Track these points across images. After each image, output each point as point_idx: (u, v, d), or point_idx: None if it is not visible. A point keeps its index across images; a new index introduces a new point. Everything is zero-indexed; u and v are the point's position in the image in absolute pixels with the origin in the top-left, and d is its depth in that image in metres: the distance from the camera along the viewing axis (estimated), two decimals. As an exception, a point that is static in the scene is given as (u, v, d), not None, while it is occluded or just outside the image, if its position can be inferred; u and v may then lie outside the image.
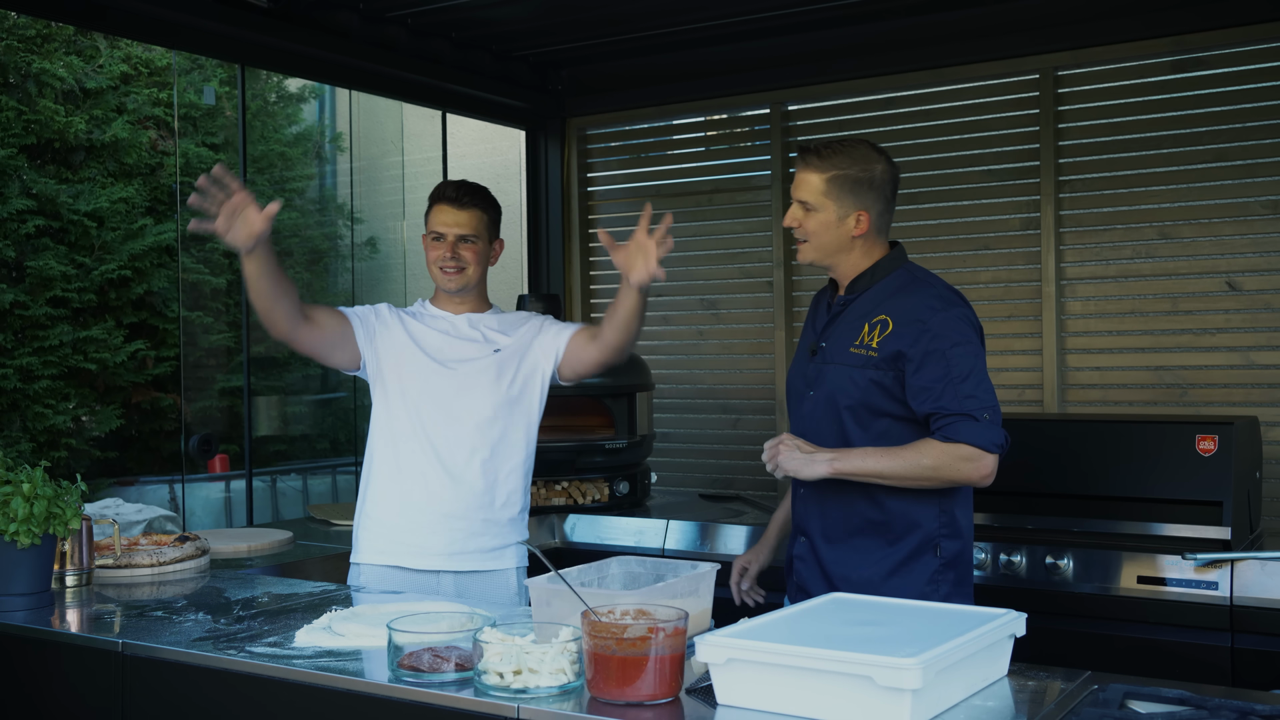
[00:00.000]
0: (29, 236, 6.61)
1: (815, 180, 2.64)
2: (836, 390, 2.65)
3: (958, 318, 2.58)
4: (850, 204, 2.64)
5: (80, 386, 6.87)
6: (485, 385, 3.02)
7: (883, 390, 2.59)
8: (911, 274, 2.71)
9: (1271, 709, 1.74)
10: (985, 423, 2.50)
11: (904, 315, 2.59)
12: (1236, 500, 3.28)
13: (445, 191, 3.09)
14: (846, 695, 1.67)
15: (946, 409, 2.51)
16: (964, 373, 2.52)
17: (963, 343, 2.55)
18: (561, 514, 4.24)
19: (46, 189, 6.72)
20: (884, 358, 2.58)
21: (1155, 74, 4.25)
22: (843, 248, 2.68)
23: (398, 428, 3.03)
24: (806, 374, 2.76)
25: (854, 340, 2.65)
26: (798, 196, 2.68)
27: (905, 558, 2.62)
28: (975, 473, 2.51)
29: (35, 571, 2.61)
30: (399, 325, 3.09)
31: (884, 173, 2.68)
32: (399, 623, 2.03)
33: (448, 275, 3.07)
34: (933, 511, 2.62)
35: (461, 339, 3.08)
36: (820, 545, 2.69)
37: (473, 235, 3.07)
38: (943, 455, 2.50)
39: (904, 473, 2.53)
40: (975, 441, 2.49)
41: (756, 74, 4.90)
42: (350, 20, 4.28)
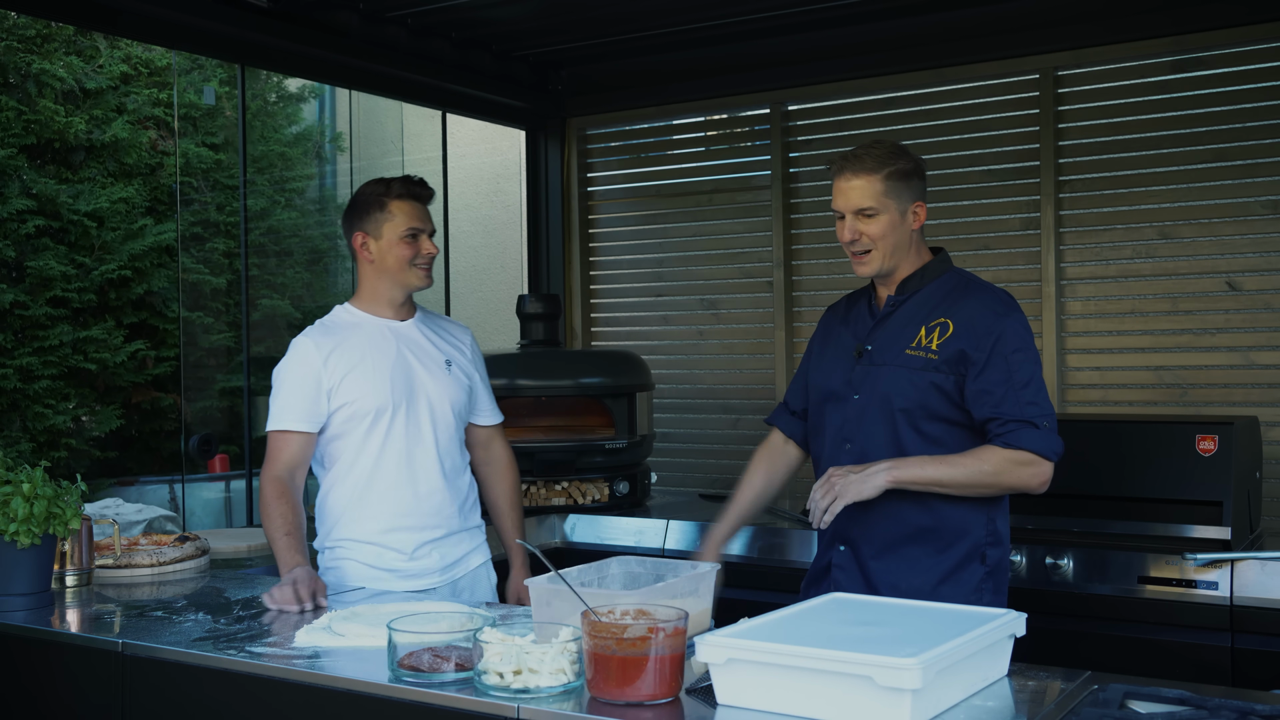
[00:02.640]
0: (29, 236, 6.61)
1: (873, 183, 2.60)
2: (892, 392, 2.60)
3: (1019, 324, 2.58)
4: (907, 197, 2.62)
5: (80, 386, 6.87)
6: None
7: (941, 393, 2.56)
8: (964, 277, 2.70)
9: (1271, 709, 1.74)
10: (1045, 430, 2.50)
11: (965, 318, 2.58)
12: (1236, 500, 3.27)
13: (410, 188, 2.95)
14: (846, 695, 1.67)
15: (1007, 414, 2.50)
16: (1025, 379, 2.52)
17: (1024, 349, 2.55)
18: (561, 514, 4.24)
19: (46, 189, 6.72)
20: (945, 360, 2.56)
21: (1155, 74, 4.25)
22: (906, 246, 2.65)
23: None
24: (850, 377, 2.69)
25: (909, 342, 2.61)
26: (854, 206, 2.61)
27: (954, 566, 2.59)
28: (1034, 479, 2.51)
29: (35, 571, 2.61)
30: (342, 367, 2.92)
31: (919, 163, 2.68)
32: (399, 623, 2.03)
33: (425, 273, 2.98)
34: (981, 519, 2.60)
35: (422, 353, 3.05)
36: (865, 554, 2.64)
37: (435, 228, 3.01)
38: (1004, 461, 2.49)
39: (965, 480, 2.51)
40: (1036, 448, 2.48)
41: (756, 74, 4.90)
42: (350, 20, 4.28)
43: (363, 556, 2.92)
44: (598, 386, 4.29)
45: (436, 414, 2.97)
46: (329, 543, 2.97)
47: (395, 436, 2.91)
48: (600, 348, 5.34)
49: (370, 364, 2.91)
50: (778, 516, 3.98)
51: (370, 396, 2.89)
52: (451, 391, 3.01)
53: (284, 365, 2.92)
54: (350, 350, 2.91)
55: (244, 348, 5.06)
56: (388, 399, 2.90)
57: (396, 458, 2.92)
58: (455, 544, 3.02)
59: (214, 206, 7.45)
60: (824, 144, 4.89)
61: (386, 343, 2.96)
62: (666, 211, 5.20)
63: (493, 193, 6.65)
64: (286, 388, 2.88)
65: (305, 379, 2.87)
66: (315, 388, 2.87)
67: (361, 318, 2.99)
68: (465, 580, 3.05)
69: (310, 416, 2.87)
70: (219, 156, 7.46)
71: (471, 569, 3.06)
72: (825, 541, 2.75)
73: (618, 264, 5.38)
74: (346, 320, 2.99)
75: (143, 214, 7.17)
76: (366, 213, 2.95)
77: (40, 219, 6.65)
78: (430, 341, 3.04)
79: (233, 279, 7.27)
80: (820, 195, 4.88)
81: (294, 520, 2.77)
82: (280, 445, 2.85)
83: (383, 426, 2.90)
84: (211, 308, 7.31)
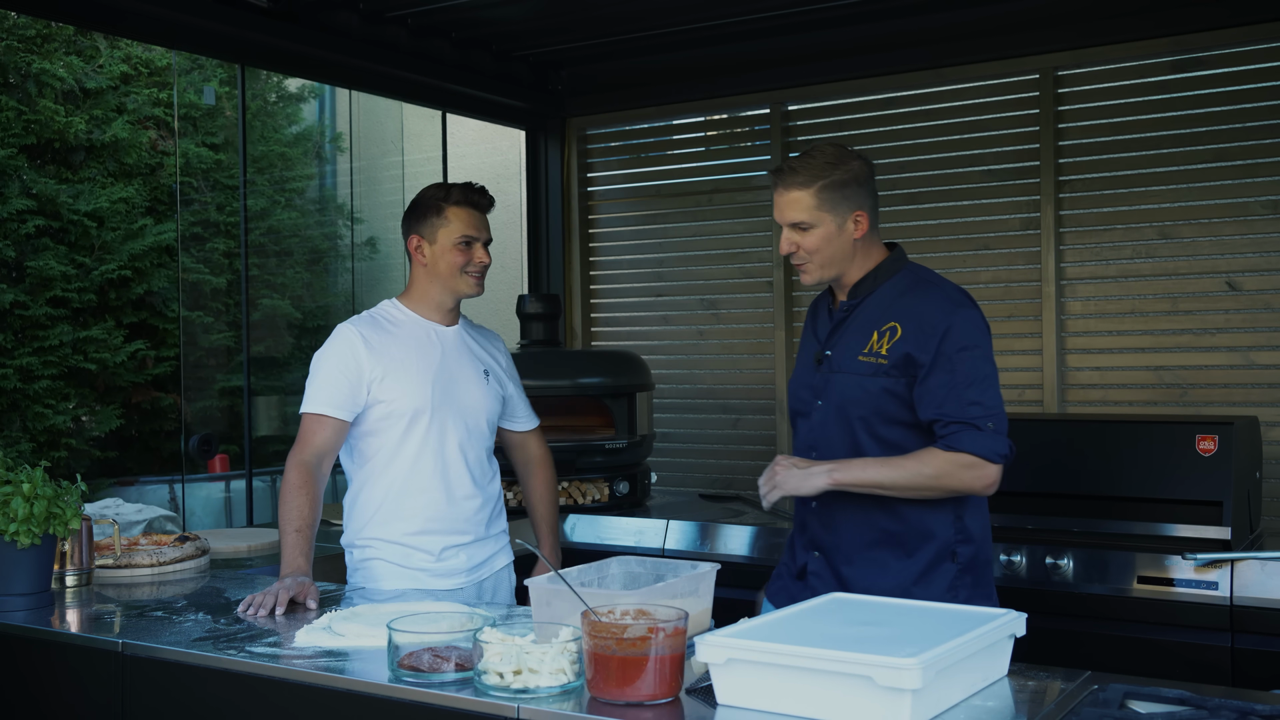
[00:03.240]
0: (29, 236, 6.61)
1: (803, 196, 2.56)
2: (847, 400, 2.59)
3: (966, 320, 2.52)
4: (845, 208, 2.57)
5: (80, 386, 6.87)
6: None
7: (895, 398, 2.54)
8: (916, 275, 2.65)
9: (1271, 709, 1.74)
10: (988, 432, 2.46)
11: (912, 320, 2.54)
12: (1236, 500, 3.28)
13: (469, 195, 2.97)
14: (846, 695, 1.67)
15: (949, 416, 2.47)
16: (969, 379, 2.48)
17: (970, 347, 2.50)
18: (561, 514, 4.24)
19: (46, 189, 6.72)
20: (894, 364, 2.53)
21: (1155, 74, 4.25)
22: (847, 255, 2.61)
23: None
24: (813, 384, 2.69)
25: (862, 348, 2.59)
26: (788, 219, 2.59)
27: (925, 568, 2.57)
28: (978, 482, 2.47)
29: (35, 571, 2.61)
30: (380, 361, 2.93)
31: (863, 168, 2.60)
32: (399, 623, 2.03)
33: (477, 281, 2.98)
34: (948, 519, 2.58)
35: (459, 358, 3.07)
36: (838, 561, 2.64)
37: (491, 237, 3.03)
38: (945, 464, 2.46)
39: (905, 482, 2.49)
40: (977, 451, 2.45)
41: (756, 74, 4.90)
42: (350, 20, 4.28)
43: (391, 556, 2.94)
44: (598, 386, 4.29)
45: (471, 423, 2.99)
46: (359, 540, 2.98)
47: (431, 441, 2.93)
48: (600, 348, 5.34)
49: (413, 365, 2.92)
50: (778, 516, 3.98)
51: (409, 398, 2.90)
52: (488, 401, 3.04)
53: (325, 351, 2.92)
54: (394, 348, 2.92)
55: (244, 348, 5.06)
56: (426, 402, 2.91)
57: (431, 462, 2.93)
58: (481, 547, 3.04)
59: (214, 206, 7.45)
60: (824, 144, 4.89)
61: (431, 346, 2.98)
62: (666, 211, 5.20)
63: (493, 192, 6.65)
64: (324, 372, 2.88)
65: (346, 367, 2.88)
66: (356, 377, 2.88)
67: (409, 316, 3.00)
68: (489, 582, 3.07)
69: (346, 404, 2.87)
70: (219, 156, 7.46)
71: (495, 571, 3.09)
72: (799, 546, 2.74)
73: (618, 264, 5.38)
74: (395, 317, 3.00)
75: (143, 214, 7.18)
76: (424, 216, 2.97)
77: (40, 219, 6.65)
78: (471, 351, 3.06)
79: (233, 279, 7.27)
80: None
81: (309, 517, 2.76)
82: (313, 429, 2.86)
83: (419, 430, 2.91)
84: (211, 308, 7.31)
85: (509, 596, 3.13)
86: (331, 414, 2.86)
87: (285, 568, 2.69)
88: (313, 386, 2.89)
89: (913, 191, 4.68)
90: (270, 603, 2.51)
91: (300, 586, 2.57)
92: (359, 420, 2.93)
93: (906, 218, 4.70)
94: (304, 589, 2.57)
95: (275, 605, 2.51)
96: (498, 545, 3.11)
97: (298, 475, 2.80)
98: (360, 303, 7.32)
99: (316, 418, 2.86)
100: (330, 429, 2.87)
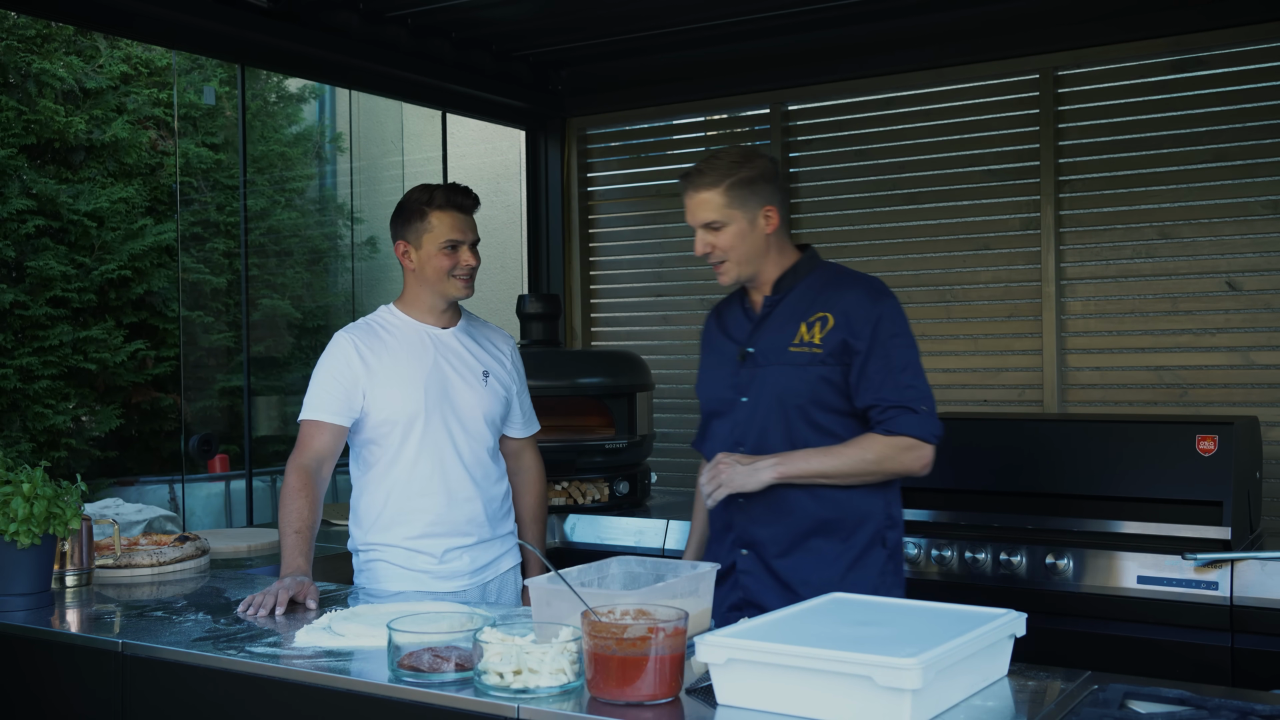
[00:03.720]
0: (29, 236, 6.61)
1: (713, 196, 2.61)
2: (784, 391, 2.64)
3: (893, 309, 2.62)
4: (754, 204, 2.62)
5: (80, 386, 6.87)
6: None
7: (830, 385, 2.61)
8: (836, 270, 2.74)
9: (1271, 709, 1.74)
10: (923, 414, 2.56)
11: (843, 309, 2.62)
12: (1236, 500, 3.28)
13: (453, 198, 2.96)
14: (846, 695, 1.67)
15: (887, 400, 2.55)
16: (902, 364, 2.58)
17: (900, 334, 2.60)
18: (561, 514, 4.24)
19: (46, 189, 6.72)
20: (830, 352, 2.60)
21: (1155, 74, 4.25)
22: (762, 251, 2.67)
23: None
24: (736, 381, 2.73)
25: (791, 340, 2.65)
26: (700, 221, 2.64)
27: (859, 553, 2.64)
28: (916, 463, 2.57)
29: (35, 571, 2.61)
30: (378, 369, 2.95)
31: (769, 166, 2.67)
32: (399, 623, 2.03)
33: (464, 284, 2.98)
34: (880, 504, 2.66)
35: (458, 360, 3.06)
36: (770, 554, 2.67)
37: (479, 238, 3.02)
38: (885, 448, 2.55)
39: (848, 469, 2.57)
40: (916, 433, 2.54)
41: (756, 74, 4.90)
42: (350, 20, 4.28)
43: (395, 559, 2.97)
44: (598, 386, 4.29)
45: (468, 425, 3.00)
46: (362, 545, 3.02)
47: (428, 446, 2.94)
48: (600, 348, 5.34)
49: (406, 371, 2.94)
50: None
51: (403, 404, 2.92)
52: (486, 403, 3.03)
53: (322, 359, 2.97)
54: (388, 354, 2.95)
55: (244, 348, 5.06)
56: (420, 408, 2.93)
57: (429, 466, 2.95)
58: (485, 549, 3.04)
59: (214, 206, 7.45)
60: (824, 144, 4.90)
61: (424, 350, 2.99)
62: (666, 211, 5.19)
63: (493, 193, 6.65)
64: (321, 380, 2.93)
65: (341, 374, 2.92)
66: (351, 384, 2.91)
67: (404, 321, 3.02)
68: (494, 584, 3.08)
69: (343, 410, 2.91)
70: (219, 156, 7.46)
71: (501, 573, 3.09)
72: (725, 546, 2.75)
73: (618, 264, 5.38)
74: (389, 322, 3.02)
75: (143, 214, 7.18)
76: (408, 221, 2.97)
77: (40, 219, 6.65)
78: (469, 351, 3.05)
79: (233, 279, 7.27)
80: (820, 195, 4.88)
81: (309, 519, 2.78)
82: (312, 434, 2.89)
83: (415, 435, 2.93)
84: (211, 308, 7.32)
85: (514, 599, 3.12)
86: (328, 419, 2.90)
87: (285, 568, 2.70)
88: (310, 394, 2.94)
89: (913, 191, 4.68)
90: (270, 603, 2.51)
91: (300, 586, 2.58)
92: (360, 428, 2.96)
93: (906, 218, 4.70)
94: (304, 589, 2.58)
95: (275, 605, 2.51)
96: (504, 547, 3.10)
97: (297, 479, 2.83)
98: (360, 302, 7.32)
99: (314, 424, 2.91)
100: (328, 434, 2.90)
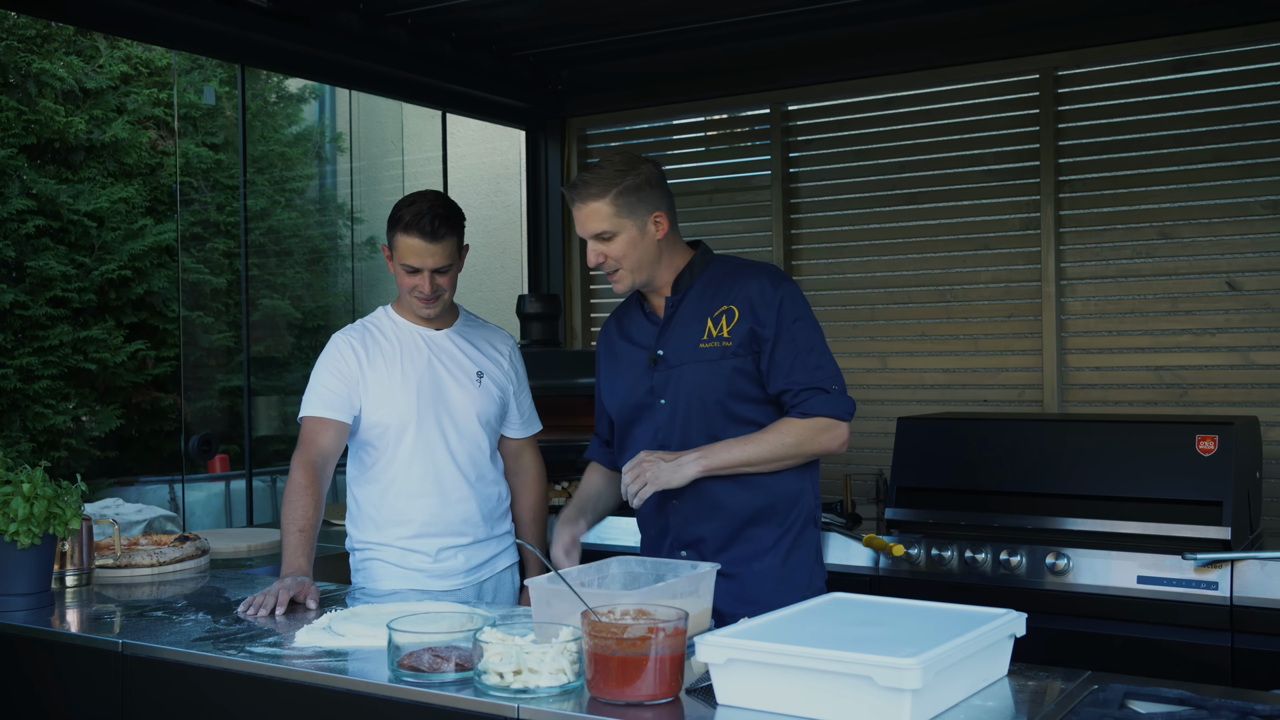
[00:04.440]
0: (29, 236, 6.61)
1: (600, 207, 2.60)
2: (700, 387, 2.65)
3: (794, 293, 2.65)
4: (642, 211, 2.62)
5: (80, 386, 6.87)
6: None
7: (745, 376, 2.63)
8: (731, 262, 2.75)
9: (1271, 709, 1.74)
10: (835, 394, 2.59)
11: (745, 299, 2.64)
12: (1236, 500, 3.27)
13: (419, 224, 2.85)
14: (846, 695, 1.67)
15: (799, 384, 2.58)
16: (808, 346, 2.61)
17: (804, 317, 2.63)
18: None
19: (46, 189, 6.72)
20: (739, 344, 2.62)
21: (1155, 74, 4.25)
22: (655, 257, 2.67)
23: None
24: (650, 384, 2.71)
25: (700, 337, 2.66)
26: (590, 232, 2.63)
27: (797, 534, 2.68)
28: (834, 442, 2.60)
29: (35, 571, 2.61)
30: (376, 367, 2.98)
31: (653, 171, 2.66)
32: (399, 623, 2.03)
33: (425, 304, 2.95)
34: (808, 484, 2.71)
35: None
36: (711, 550, 2.67)
37: (446, 264, 2.91)
38: (803, 430, 2.58)
39: (770, 455, 2.58)
40: (830, 412, 2.58)
41: (756, 74, 4.90)
42: (350, 20, 4.28)
43: (390, 558, 2.99)
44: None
45: (462, 426, 3.00)
46: (358, 544, 3.04)
47: (421, 446, 2.96)
48: (600, 348, 5.34)
49: (399, 372, 2.96)
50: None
51: (396, 405, 2.94)
52: (480, 404, 3.03)
53: (321, 359, 3.00)
54: (382, 356, 2.97)
55: (244, 348, 5.06)
56: (412, 409, 2.94)
57: (422, 467, 2.96)
58: (481, 549, 3.05)
59: (214, 206, 7.45)
60: (824, 144, 4.90)
61: (418, 352, 3.00)
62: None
63: (493, 193, 6.66)
64: (322, 378, 2.95)
65: (342, 372, 2.95)
66: (351, 382, 2.94)
67: (398, 322, 3.04)
68: (490, 583, 3.08)
69: (345, 407, 2.93)
70: (219, 156, 7.46)
71: (497, 572, 3.10)
72: (664, 549, 2.73)
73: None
74: (384, 324, 3.04)
75: (143, 214, 7.18)
76: (389, 229, 2.99)
77: (40, 219, 6.66)
78: (464, 352, 3.06)
79: (233, 279, 7.27)
80: (820, 195, 4.88)
81: (312, 517, 2.79)
82: (316, 430, 2.90)
83: (409, 436, 2.95)
84: (211, 308, 7.32)
85: (510, 598, 3.13)
86: (331, 416, 2.92)
87: (286, 567, 2.70)
88: (312, 391, 2.95)
89: (913, 191, 4.68)
90: (271, 603, 2.51)
91: (300, 586, 2.58)
92: (356, 430, 2.98)
93: (906, 218, 4.70)
94: (304, 589, 2.58)
95: (276, 605, 2.51)
96: (500, 546, 3.11)
97: (304, 475, 2.83)
98: (360, 303, 7.32)
99: (317, 420, 2.91)
100: (332, 430, 2.91)
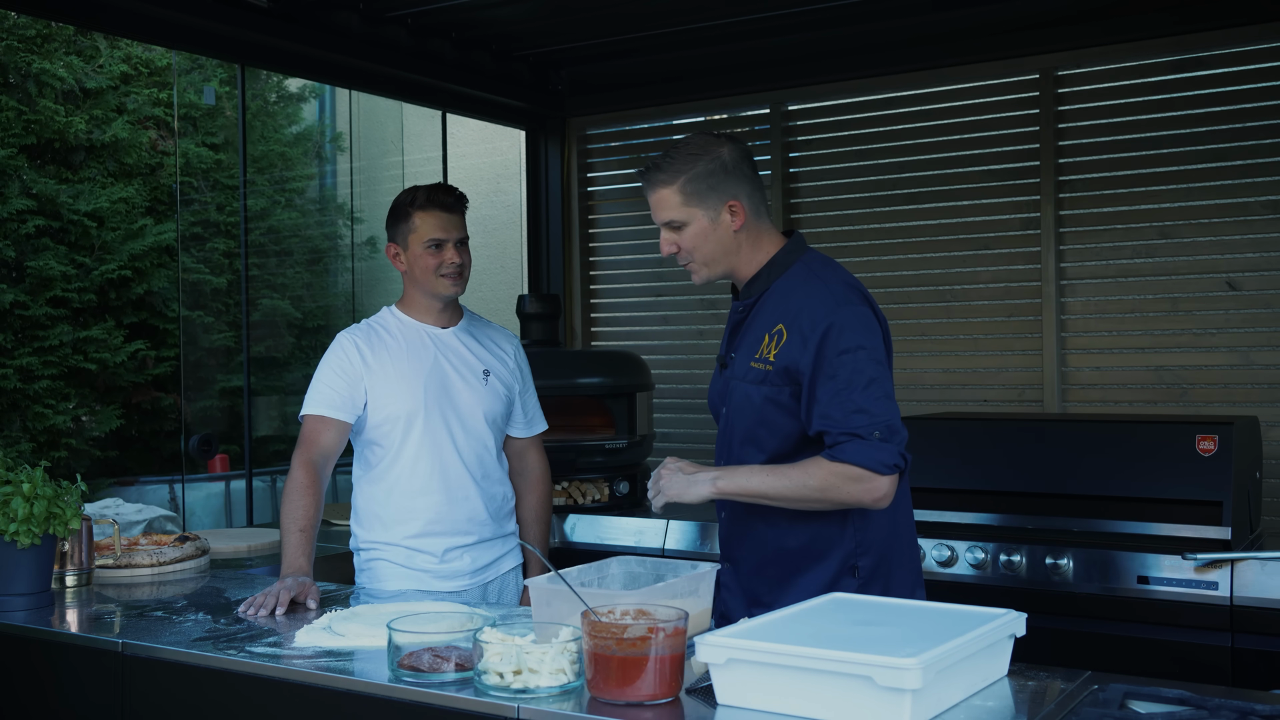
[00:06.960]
0: (29, 236, 6.61)
1: (668, 194, 2.41)
2: (743, 409, 2.44)
3: (853, 318, 2.32)
4: (715, 200, 2.40)
5: (80, 386, 6.87)
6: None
7: (779, 408, 2.38)
8: (808, 268, 2.44)
9: (1271, 709, 1.74)
10: (874, 442, 2.25)
11: (795, 320, 2.36)
12: (1236, 500, 3.27)
13: (436, 198, 2.96)
14: (846, 695, 1.67)
15: (834, 426, 2.27)
16: (851, 383, 2.28)
17: (852, 349, 2.29)
18: (561, 514, 4.24)
19: (46, 189, 6.72)
20: (779, 372, 2.36)
21: (1155, 74, 4.25)
22: (730, 249, 2.44)
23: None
24: (720, 389, 2.56)
25: (755, 353, 2.43)
26: (661, 219, 2.44)
27: (829, 583, 2.40)
28: (866, 495, 2.27)
29: (35, 571, 2.61)
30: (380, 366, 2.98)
31: (732, 153, 2.42)
32: (399, 623, 2.03)
33: (452, 281, 2.97)
34: (846, 533, 2.42)
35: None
36: (745, 570, 2.53)
37: (466, 236, 3.03)
38: (830, 476, 2.27)
39: (790, 494, 2.32)
40: (862, 462, 2.25)
41: (756, 74, 4.90)
42: (350, 20, 4.28)
43: (395, 558, 2.98)
44: (598, 386, 4.29)
45: (468, 424, 3.00)
46: (362, 544, 3.04)
47: (427, 444, 2.95)
48: (600, 348, 5.34)
49: (405, 370, 2.96)
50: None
51: (401, 404, 2.94)
52: (486, 402, 3.04)
53: (325, 357, 3.00)
54: (388, 354, 2.97)
55: (244, 348, 5.05)
56: (419, 407, 2.94)
57: (428, 466, 2.96)
58: (487, 549, 3.05)
59: (214, 206, 7.45)
60: (824, 144, 4.90)
61: (424, 350, 3.00)
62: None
63: (493, 193, 6.66)
64: (325, 376, 2.95)
65: (345, 371, 2.94)
66: (354, 381, 2.93)
67: (404, 322, 3.04)
68: (495, 584, 3.08)
69: (347, 406, 2.92)
70: (219, 156, 7.46)
71: (502, 574, 3.10)
72: (721, 556, 2.63)
73: (618, 264, 5.38)
74: (390, 324, 3.04)
75: (143, 214, 7.18)
76: (396, 223, 3.01)
77: (40, 219, 6.65)
78: (470, 350, 3.06)
79: (233, 279, 7.27)
80: (820, 195, 4.88)
81: (313, 517, 2.79)
82: (317, 429, 2.90)
83: (415, 434, 2.95)
84: (211, 308, 7.32)
85: (515, 600, 3.13)
86: (333, 415, 2.91)
87: (286, 567, 2.70)
88: (314, 390, 2.95)
89: (913, 191, 4.68)
90: (271, 603, 2.51)
91: (301, 586, 2.58)
92: (361, 428, 2.97)
93: (906, 218, 4.70)
94: (305, 589, 2.58)
95: (276, 605, 2.51)
96: (505, 547, 3.10)
97: (304, 475, 2.83)
98: (360, 302, 7.32)
99: (319, 419, 2.91)
100: (334, 429, 2.91)
